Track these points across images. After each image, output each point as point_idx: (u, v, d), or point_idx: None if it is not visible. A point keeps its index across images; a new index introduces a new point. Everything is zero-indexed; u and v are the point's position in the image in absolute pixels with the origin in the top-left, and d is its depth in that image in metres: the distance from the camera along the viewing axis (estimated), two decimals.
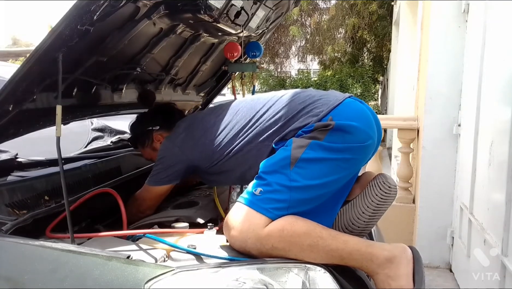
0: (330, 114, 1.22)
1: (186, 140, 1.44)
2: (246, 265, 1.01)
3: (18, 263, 0.99)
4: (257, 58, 2.00)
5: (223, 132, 1.36)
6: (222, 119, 1.39)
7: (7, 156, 1.39)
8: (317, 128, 1.19)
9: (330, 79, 11.86)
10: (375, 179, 1.27)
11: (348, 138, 1.19)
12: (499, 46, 1.99)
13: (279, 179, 1.14)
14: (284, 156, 1.17)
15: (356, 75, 11.52)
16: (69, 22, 1.03)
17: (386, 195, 1.24)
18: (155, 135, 1.59)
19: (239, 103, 1.43)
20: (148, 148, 1.62)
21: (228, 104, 1.45)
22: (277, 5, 1.89)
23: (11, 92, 1.09)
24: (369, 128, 1.25)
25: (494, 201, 1.91)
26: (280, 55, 13.22)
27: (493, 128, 1.98)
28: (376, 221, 1.27)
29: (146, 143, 1.62)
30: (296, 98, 1.32)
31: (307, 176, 1.15)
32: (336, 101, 1.25)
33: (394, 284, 1.09)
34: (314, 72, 14.98)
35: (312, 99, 1.29)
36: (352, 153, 1.21)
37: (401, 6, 6.08)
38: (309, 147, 1.16)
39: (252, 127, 1.32)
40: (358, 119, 1.23)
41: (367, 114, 1.28)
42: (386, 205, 1.25)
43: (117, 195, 1.33)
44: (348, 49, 11.86)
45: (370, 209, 1.24)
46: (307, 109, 1.27)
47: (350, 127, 1.20)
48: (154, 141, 1.59)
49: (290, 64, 14.11)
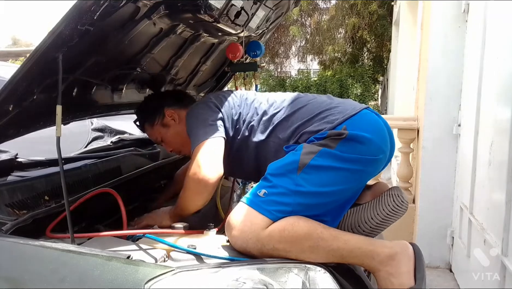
0: (344, 123, 1.22)
1: (223, 101, 1.44)
2: (246, 265, 1.01)
3: (18, 263, 0.99)
4: (258, 57, 2.00)
5: (250, 110, 1.41)
6: (252, 100, 1.44)
7: (7, 156, 1.39)
8: (330, 136, 1.19)
9: (330, 79, 11.87)
10: (390, 190, 1.28)
11: (359, 150, 1.19)
12: (499, 46, 1.99)
13: (285, 182, 1.15)
14: (292, 160, 1.17)
15: (356, 75, 11.54)
16: (69, 22, 1.03)
17: (398, 207, 1.25)
18: (168, 111, 1.53)
19: (258, 94, 1.49)
20: (158, 125, 1.55)
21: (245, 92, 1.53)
22: (277, 5, 1.89)
23: (11, 92, 1.09)
24: (382, 142, 1.25)
25: (494, 201, 1.91)
26: (280, 55, 13.23)
27: (493, 128, 1.98)
28: (381, 230, 1.28)
29: (156, 120, 1.54)
30: (313, 101, 1.34)
31: (313, 182, 1.14)
32: (353, 111, 1.25)
33: (396, 281, 1.10)
34: (314, 72, 14.99)
35: (329, 105, 1.30)
36: (362, 164, 1.20)
37: (401, 6, 6.08)
38: (318, 154, 1.16)
39: (272, 121, 1.35)
40: (373, 131, 1.22)
41: (382, 128, 1.28)
42: (395, 217, 1.26)
43: (117, 194, 1.33)
44: (348, 49, 11.86)
45: (380, 217, 1.25)
46: (322, 115, 1.27)
47: (363, 139, 1.19)
48: (166, 117, 1.53)
49: (290, 64, 14.13)
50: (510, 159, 1.68)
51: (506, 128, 1.74)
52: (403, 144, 3.16)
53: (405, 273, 1.11)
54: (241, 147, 1.40)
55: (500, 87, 1.92)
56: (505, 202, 1.69)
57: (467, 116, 2.56)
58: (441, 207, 2.86)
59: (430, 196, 2.88)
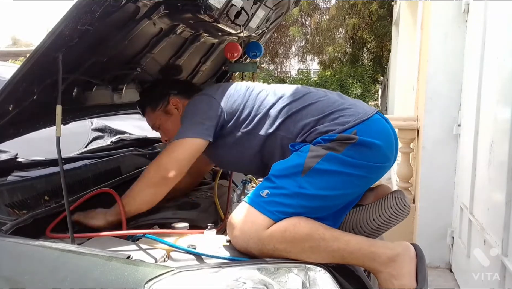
0: (356, 127, 1.19)
1: (222, 94, 1.40)
2: (246, 265, 1.01)
3: (18, 263, 0.99)
4: (257, 58, 2.00)
5: (255, 104, 1.36)
6: (259, 91, 1.40)
7: (7, 156, 1.39)
8: (339, 140, 1.17)
9: (330, 79, 11.86)
10: (394, 193, 1.28)
11: (366, 156, 1.18)
12: (499, 46, 1.99)
13: (288, 184, 1.14)
14: (297, 163, 1.16)
15: (356, 75, 11.54)
16: (69, 22, 1.03)
17: (400, 211, 1.25)
18: (172, 99, 1.50)
19: (265, 86, 1.44)
20: (160, 111, 1.51)
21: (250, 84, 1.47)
22: (277, 5, 1.89)
23: (11, 92, 1.09)
24: (389, 151, 1.25)
25: (494, 201, 1.91)
26: (280, 55, 13.24)
27: (493, 128, 1.98)
28: (382, 232, 1.29)
29: (159, 106, 1.50)
30: (325, 99, 1.31)
31: (317, 185, 1.14)
32: (365, 116, 1.23)
33: (397, 282, 1.10)
34: (314, 72, 14.99)
35: (341, 106, 1.27)
36: (368, 171, 1.20)
37: (401, 6, 6.08)
38: (324, 158, 1.15)
39: (279, 115, 1.31)
40: (382, 139, 1.21)
41: (390, 135, 1.27)
42: (396, 220, 1.26)
43: (116, 195, 1.33)
44: (348, 49, 11.86)
45: (382, 218, 1.24)
46: (333, 115, 1.25)
47: (372, 145, 1.19)
48: (170, 105, 1.50)
49: (290, 64, 14.13)
50: (510, 159, 1.68)
51: (506, 128, 1.74)
52: (403, 144, 3.16)
53: (407, 274, 1.11)
54: (245, 140, 1.35)
55: (500, 87, 1.92)
56: (505, 202, 1.69)
57: (467, 116, 2.56)
58: (441, 207, 2.86)
59: (430, 196, 2.88)
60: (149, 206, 1.33)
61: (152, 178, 1.30)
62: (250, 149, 1.35)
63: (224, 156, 1.44)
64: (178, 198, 1.66)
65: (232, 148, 1.38)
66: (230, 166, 1.61)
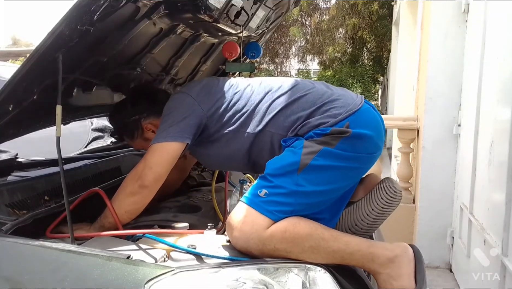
0: (347, 119, 1.19)
1: (201, 92, 1.34)
2: (246, 265, 1.01)
3: (18, 263, 0.99)
4: (256, 59, 2.00)
5: (242, 99, 1.31)
6: (244, 88, 1.34)
7: (7, 156, 1.39)
8: (332, 134, 1.17)
9: (330, 79, 11.85)
10: (381, 183, 1.26)
11: (359, 148, 1.19)
12: (499, 46, 1.99)
13: (285, 182, 1.14)
14: (293, 161, 1.15)
15: (356, 75, 11.51)
16: (69, 22, 1.03)
17: (392, 199, 1.24)
18: (145, 124, 1.43)
19: (250, 80, 1.39)
20: (139, 139, 1.46)
21: (246, 79, 1.42)
22: (277, 5, 1.89)
23: (11, 92, 1.09)
24: (380, 140, 1.26)
25: (494, 201, 1.91)
26: (280, 55, 13.22)
27: (493, 128, 1.98)
28: (380, 224, 1.28)
29: (135, 135, 1.45)
30: (313, 91, 1.29)
31: (313, 181, 1.14)
32: (355, 106, 1.23)
33: (396, 283, 1.10)
34: (314, 72, 14.98)
35: (330, 97, 1.26)
36: (360, 162, 1.21)
37: (401, 6, 6.08)
38: (319, 153, 1.15)
39: (268, 110, 1.27)
40: (373, 129, 1.22)
41: (379, 124, 1.27)
42: (390, 209, 1.25)
43: (105, 195, 1.28)
44: (348, 49, 11.85)
45: (375, 212, 1.24)
46: (324, 107, 1.23)
47: (365, 137, 1.19)
48: (145, 131, 1.43)
49: (290, 64, 14.11)
50: (510, 159, 1.68)
51: (506, 128, 1.74)
52: (403, 144, 3.16)
53: (406, 275, 1.11)
54: (233, 139, 1.31)
55: (500, 87, 1.92)
56: (505, 202, 1.69)
57: (467, 116, 2.56)
58: (441, 207, 2.86)
59: (430, 196, 2.88)
60: (133, 216, 1.29)
61: (129, 187, 1.26)
62: (239, 148, 1.31)
63: (211, 156, 1.40)
64: (178, 199, 1.65)
65: (218, 148, 1.34)
66: (218, 165, 1.57)
